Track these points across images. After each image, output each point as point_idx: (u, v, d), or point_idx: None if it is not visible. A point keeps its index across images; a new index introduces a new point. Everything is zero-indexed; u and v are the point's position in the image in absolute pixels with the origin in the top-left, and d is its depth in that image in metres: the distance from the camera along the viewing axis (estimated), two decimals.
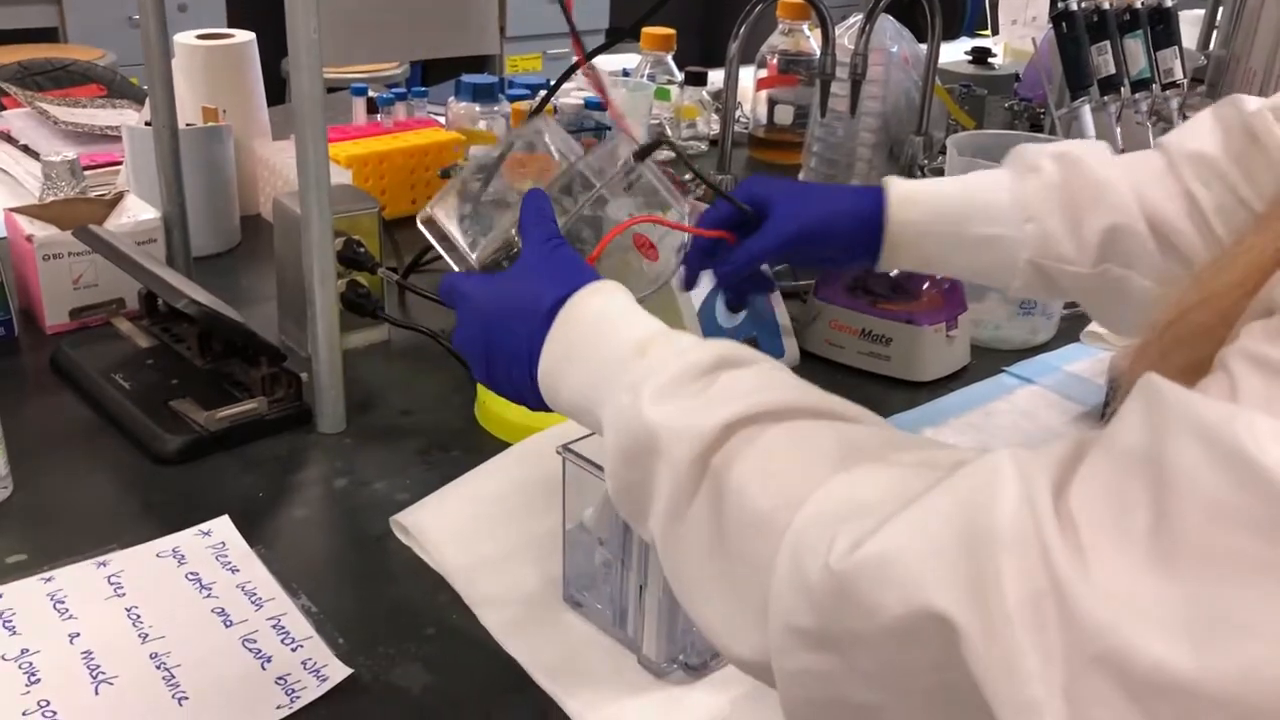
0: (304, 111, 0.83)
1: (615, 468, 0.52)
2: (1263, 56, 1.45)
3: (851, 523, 0.40)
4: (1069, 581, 0.33)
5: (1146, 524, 0.33)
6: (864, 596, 0.38)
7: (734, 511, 0.46)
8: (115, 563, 0.76)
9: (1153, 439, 0.34)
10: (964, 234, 0.77)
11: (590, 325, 0.58)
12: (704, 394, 0.50)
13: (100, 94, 2.08)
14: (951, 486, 0.38)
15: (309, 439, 0.92)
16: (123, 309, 1.08)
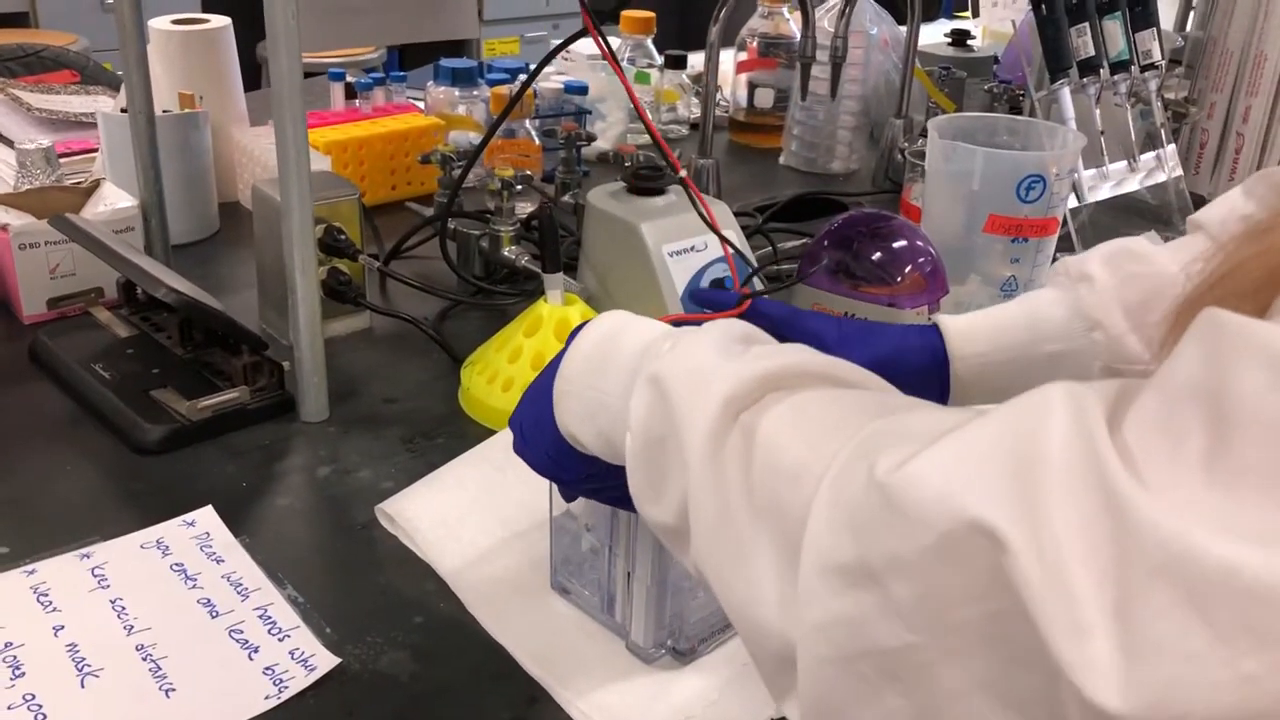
0: (283, 98, 0.82)
1: (637, 424, 0.51)
2: (1239, 38, 1.46)
3: (897, 446, 0.39)
4: (1128, 498, 0.32)
5: (1204, 449, 0.32)
6: (909, 510, 0.37)
7: (765, 463, 0.45)
8: (99, 554, 0.75)
9: (1212, 368, 0.33)
10: (1031, 356, 0.75)
11: (604, 336, 0.58)
12: (739, 356, 0.50)
13: (73, 80, 2.05)
14: (1002, 412, 0.38)
15: (292, 428, 0.92)
16: (101, 298, 1.07)
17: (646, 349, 0.55)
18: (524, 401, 0.65)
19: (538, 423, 0.62)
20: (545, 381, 0.61)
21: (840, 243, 1.10)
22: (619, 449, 0.54)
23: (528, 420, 0.64)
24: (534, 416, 0.63)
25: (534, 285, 1.12)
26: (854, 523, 0.39)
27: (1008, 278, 1.13)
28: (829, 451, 0.42)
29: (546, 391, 0.61)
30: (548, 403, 0.60)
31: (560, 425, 0.59)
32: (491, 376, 0.94)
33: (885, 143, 1.55)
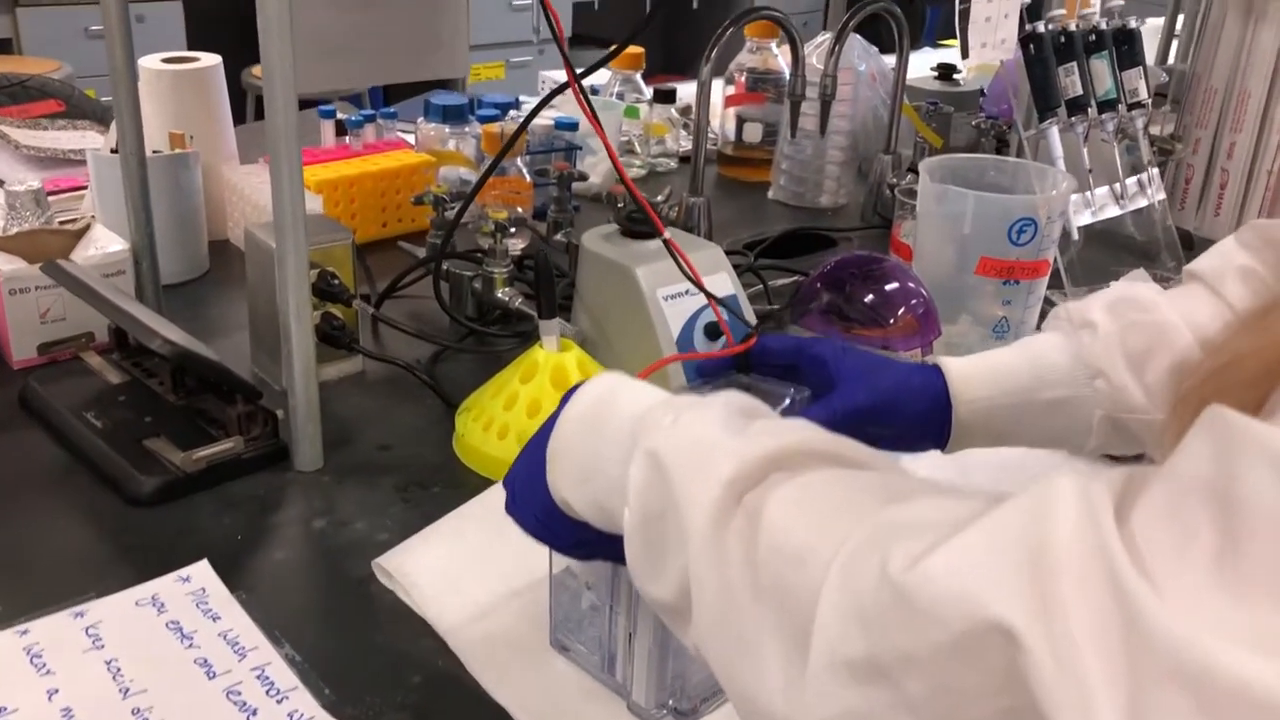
0: (279, 147, 0.82)
1: (636, 499, 0.51)
2: (1223, 75, 1.47)
3: (907, 540, 0.39)
4: (1139, 599, 0.33)
5: (1214, 549, 0.33)
6: (924, 609, 0.37)
7: (770, 546, 0.44)
8: (93, 613, 0.75)
9: (1220, 467, 0.34)
10: (1033, 402, 0.75)
11: (598, 399, 0.58)
12: (741, 432, 0.49)
13: (58, 109, 2.04)
14: (1013, 506, 0.38)
15: (286, 477, 0.91)
16: (92, 343, 1.06)
17: (643, 418, 0.54)
18: (518, 462, 0.64)
19: (530, 484, 0.62)
20: (539, 443, 0.61)
21: (833, 284, 1.10)
22: (614, 518, 0.54)
23: (520, 481, 0.64)
24: (526, 478, 0.62)
25: (527, 326, 1.12)
26: (865, 617, 0.39)
27: (999, 319, 1.14)
28: (836, 536, 0.42)
29: (540, 453, 0.60)
30: (541, 465, 0.60)
31: (553, 490, 0.59)
32: (487, 424, 0.94)
33: (874, 178, 1.56)
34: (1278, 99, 1.43)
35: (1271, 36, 1.42)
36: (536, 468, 0.61)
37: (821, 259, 1.43)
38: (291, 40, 0.77)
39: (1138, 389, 0.73)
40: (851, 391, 0.74)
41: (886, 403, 0.74)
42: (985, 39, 1.25)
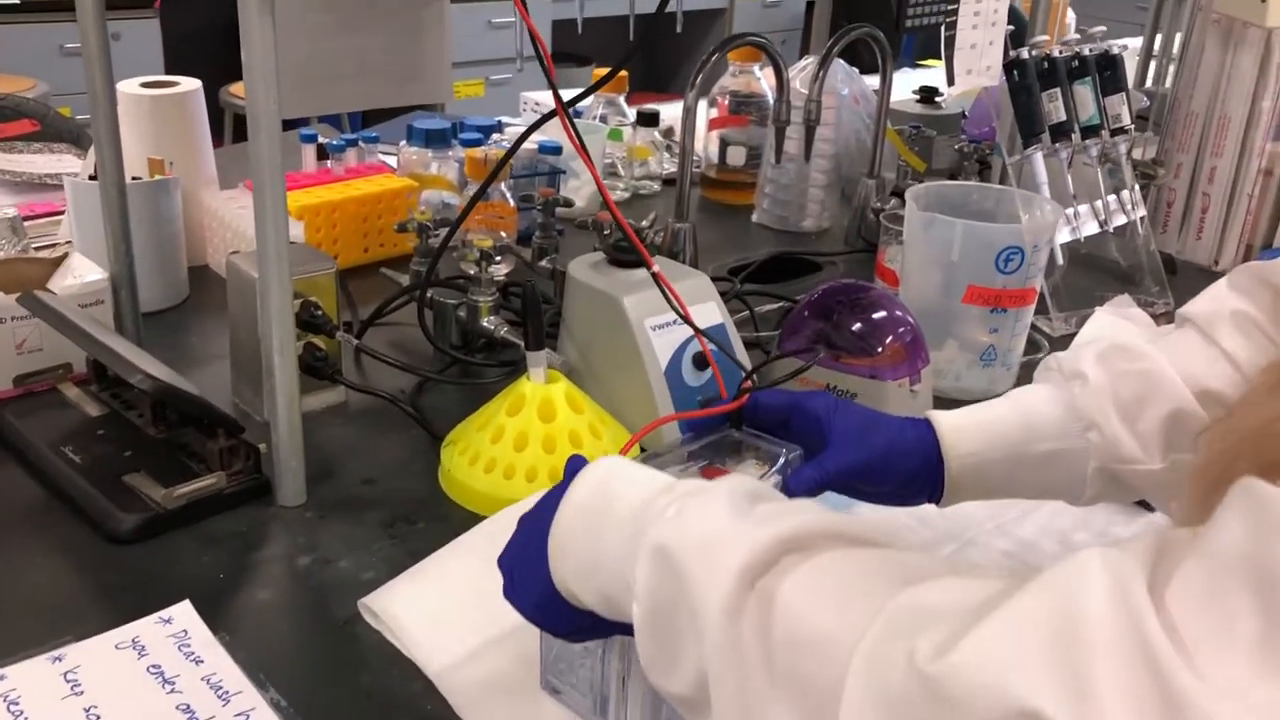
0: (263, 181, 0.81)
1: (645, 595, 0.50)
2: (1204, 100, 1.48)
3: (932, 629, 0.39)
4: (1179, 684, 0.32)
5: (1256, 632, 0.32)
6: (955, 700, 0.36)
7: (787, 633, 0.44)
8: (71, 656, 0.73)
9: (1257, 543, 0.33)
10: (1026, 455, 0.74)
11: (600, 484, 0.57)
12: (747, 516, 0.49)
13: (33, 129, 2.02)
14: (1040, 586, 0.38)
15: (269, 512, 0.90)
16: (70, 374, 1.04)
17: (646, 508, 0.54)
18: (514, 546, 0.63)
19: (528, 569, 0.61)
20: (537, 529, 0.60)
21: (821, 312, 1.09)
22: (620, 608, 0.54)
23: (518, 565, 0.62)
24: (524, 563, 0.61)
25: (513, 355, 1.11)
26: (894, 709, 0.38)
27: (987, 346, 1.14)
28: (855, 622, 0.42)
29: (538, 539, 0.59)
30: (539, 551, 0.59)
31: (556, 581, 0.59)
32: (473, 458, 0.92)
33: (858, 201, 1.56)
34: (1257, 124, 1.44)
35: (1250, 62, 1.43)
36: (536, 555, 0.60)
37: (807, 284, 1.43)
38: (277, 81, 0.76)
39: (1131, 440, 0.72)
40: (844, 450, 0.73)
41: (879, 461, 0.74)
42: (971, 66, 1.25)
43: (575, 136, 0.89)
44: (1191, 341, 0.74)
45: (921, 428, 0.75)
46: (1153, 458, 0.72)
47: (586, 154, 0.91)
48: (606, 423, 0.97)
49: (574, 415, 0.94)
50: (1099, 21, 1.47)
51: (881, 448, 0.74)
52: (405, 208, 1.38)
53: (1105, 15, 4.76)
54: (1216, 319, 0.73)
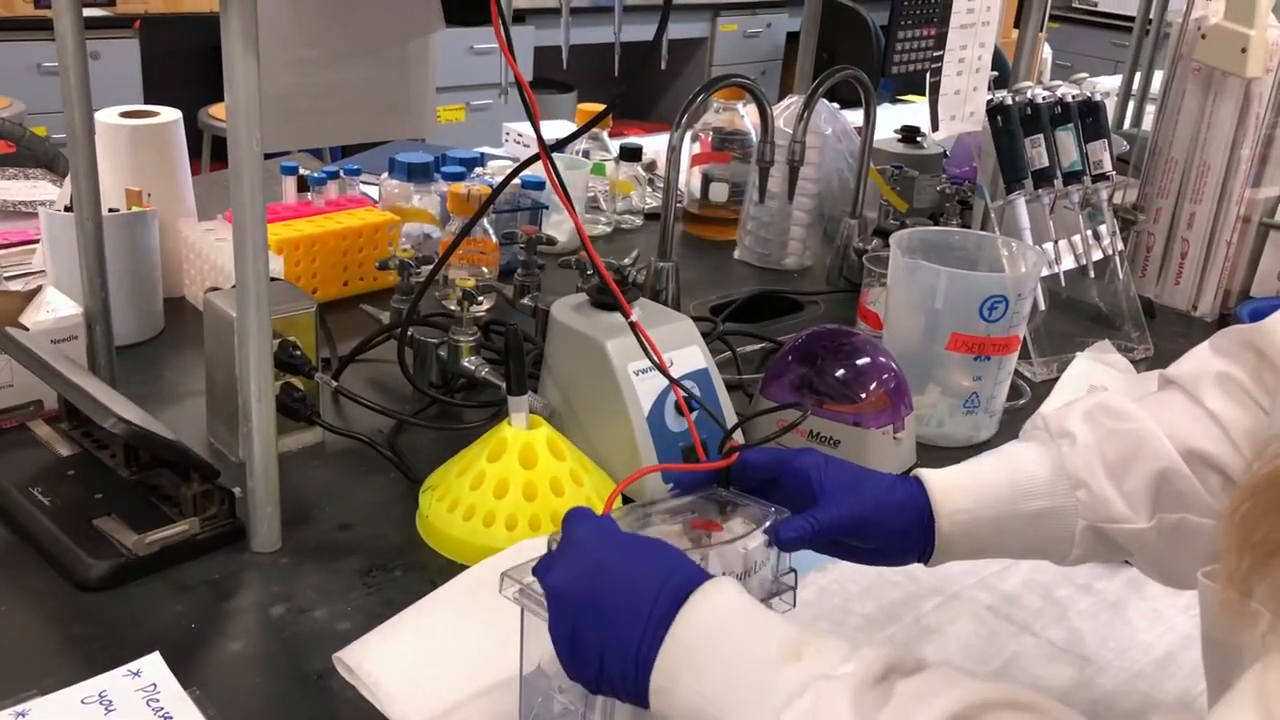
0: (245, 224, 0.80)
1: None
2: (1184, 147, 1.49)
3: None
4: None
5: None
6: None
7: None
8: (35, 712, 0.71)
9: None
10: (1015, 513, 0.74)
11: (723, 619, 0.56)
12: (886, 706, 0.48)
13: (8, 151, 2.00)
14: None
15: (243, 559, 0.88)
16: (41, 411, 1.02)
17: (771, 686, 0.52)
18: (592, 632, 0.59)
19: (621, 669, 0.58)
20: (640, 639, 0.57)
21: (804, 358, 1.09)
22: None
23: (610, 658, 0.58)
24: (619, 662, 0.58)
25: (493, 396, 1.10)
26: None
27: (970, 393, 1.14)
28: None
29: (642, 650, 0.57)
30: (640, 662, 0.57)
31: (655, 709, 0.57)
32: (452, 504, 0.91)
33: (840, 241, 1.56)
34: (1236, 171, 1.45)
35: (1230, 111, 1.44)
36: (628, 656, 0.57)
37: (789, 324, 1.43)
38: (260, 123, 0.75)
39: (1119, 499, 0.72)
40: (835, 506, 0.73)
41: (870, 516, 0.73)
42: (955, 111, 1.26)
43: (559, 185, 0.89)
44: (1176, 402, 0.74)
45: (912, 486, 0.75)
46: (1140, 516, 0.72)
47: (569, 200, 0.90)
48: (588, 469, 0.96)
49: (556, 462, 0.92)
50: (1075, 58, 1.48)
51: (872, 504, 0.73)
52: (386, 242, 1.36)
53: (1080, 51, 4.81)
54: (1201, 381, 0.73)
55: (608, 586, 0.59)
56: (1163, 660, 0.87)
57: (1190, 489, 0.71)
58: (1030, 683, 0.84)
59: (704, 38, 4.66)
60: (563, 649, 0.60)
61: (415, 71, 1.26)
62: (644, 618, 0.57)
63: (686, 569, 0.59)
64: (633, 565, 0.59)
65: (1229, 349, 0.73)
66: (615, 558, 0.60)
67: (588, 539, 0.62)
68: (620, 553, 0.61)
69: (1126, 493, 0.72)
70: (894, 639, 0.87)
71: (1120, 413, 0.74)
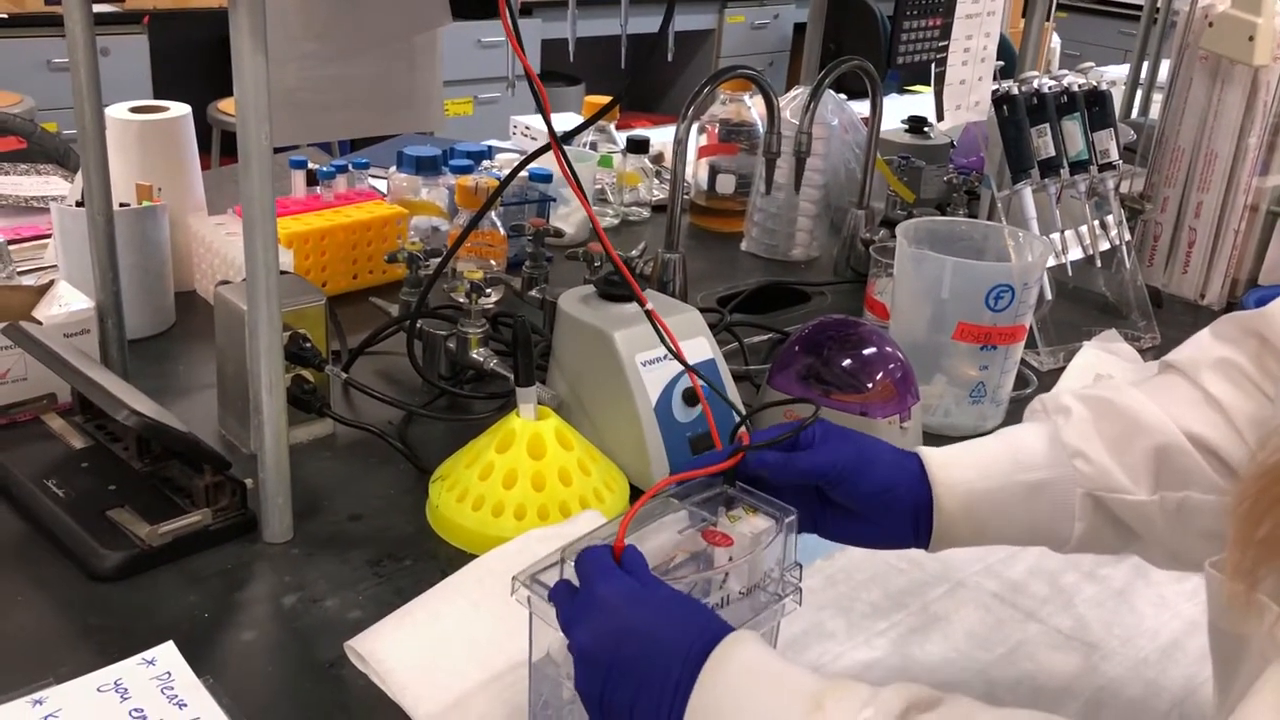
0: (254, 218, 0.81)
1: None
2: (1191, 136, 1.49)
3: None
4: None
5: None
6: None
7: None
8: (52, 700, 0.72)
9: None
10: (1014, 484, 0.74)
11: (744, 677, 0.57)
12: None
13: (19, 146, 2.01)
14: None
15: (254, 550, 0.89)
16: (54, 404, 1.03)
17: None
18: (610, 686, 0.60)
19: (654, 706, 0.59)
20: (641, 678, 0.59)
21: (811, 348, 1.10)
22: None
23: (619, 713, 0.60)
24: (652, 697, 0.59)
25: (502, 388, 1.11)
26: None
27: (976, 383, 1.14)
28: None
29: (644, 688, 0.58)
30: (644, 704, 0.58)
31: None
32: (462, 494, 0.92)
33: (847, 232, 1.56)
34: (1244, 160, 1.45)
35: (1237, 99, 1.44)
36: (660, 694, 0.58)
37: (795, 315, 1.43)
38: (269, 118, 0.76)
39: (1118, 469, 0.72)
40: (815, 453, 0.73)
41: (849, 467, 0.73)
42: (960, 101, 1.26)
43: (571, 175, 0.89)
44: (1175, 385, 0.74)
45: (908, 455, 0.75)
46: (1140, 488, 0.71)
47: (581, 190, 0.90)
48: (596, 459, 0.97)
49: (564, 452, 0.93)
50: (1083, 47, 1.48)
51: (853, 452, 0.73)
52: (395, 235, 1.37)
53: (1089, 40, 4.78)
54: (1200, 365, 0.73)
55: (636, 653, 0.59)
56: (1168, 647, 0.87)
57: (1193, 465, 0.71)
58: (1036, 670, 0.84)
59: (711, 29, 4.66)
60: (592, 707, 0.61)
61: (422, 65, 1.27)
62: (672, 682, 0.58)
63: (710, 627, 0.60)
64: (659, 626, 0.60)
65: (1231, 335, 0.74)
66: (641, 621, 0.60)
67: (613, 599, 0.61)
68: (646, 616, 0.61)
69: (1126, 464, 0.72)
70: (900, 626, 0.88)
71: (1119, 393, 0.74)
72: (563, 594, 0.64)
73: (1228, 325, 0.75)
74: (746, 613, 0.70)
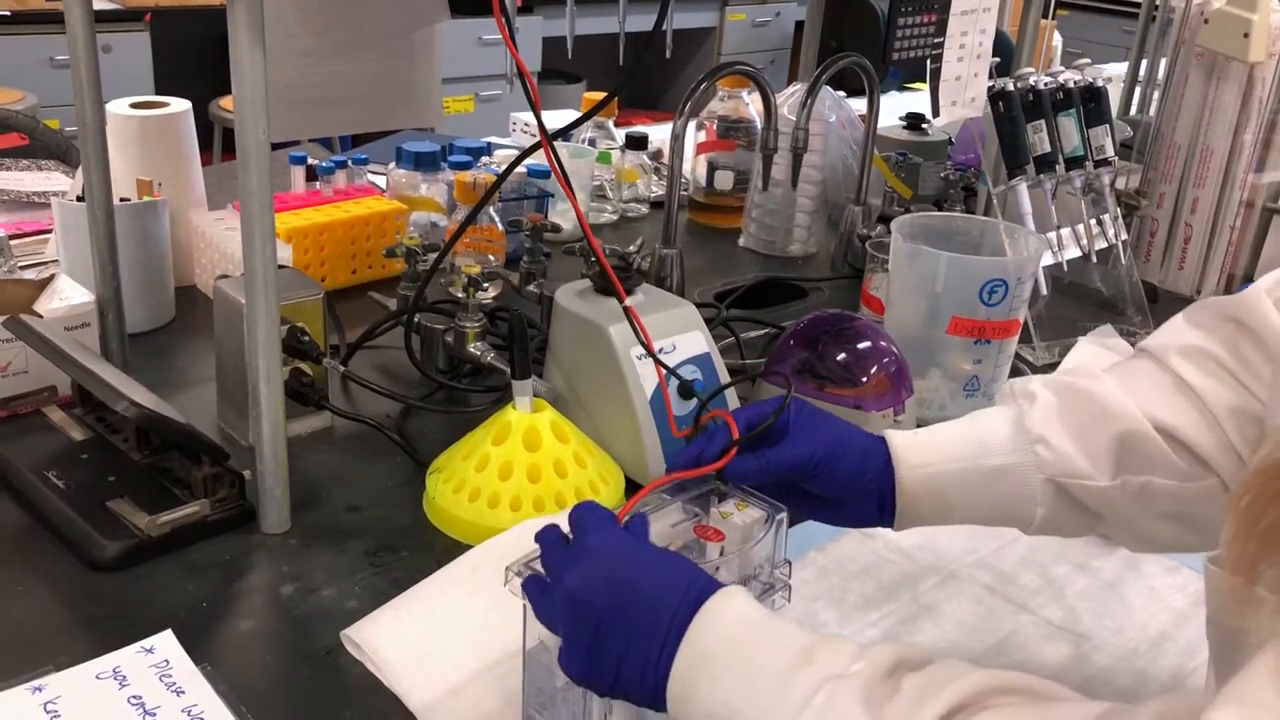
0: (252, 213, 0.81)
1: None
2: (1187, 132, 1.49)
3: None
4: None
5: None
6: None
7: None
8: (52, 687, 0.73)
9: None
10: (977, 468, 0.75)
11: (736, 627, 0.58)
12: (894, 698, 0.50)
13: (21, 143, 2.02)
14: None
15: (252, 540, 0.90)
16: (55, 397, 1.04)
17: (788, 691, 0.54)
18: (611, 640, 0.60)
19: (640, 672, 0.59)
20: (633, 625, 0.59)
21: (806, 342, 1.10)
22: None
23: (627, 666, 0.60)
24: (637, 666, 0.59)
25: (499, 381, 1.12)
26: None
27: (970, 376, 1.15)
28: None
29: (656, 654, 0.59)
30: (656, 666, 0.59)
31: (673, 715, 0.59)
32: (458, 486, 0.93)
33: (844, 228, 1.56)
34: (1239, 156, 1.46)
35: (1233, 96, 1.44)
36: (647, 665, 0.59)
37: (792, 310, 1.44)
38: (267, 113, 0.77)
39: (1079, 455, 0.73)
40: (789, 446, 0.74)
41: (823, 458, 0.74)
42: (956, 97, 1.26)
43: (560, 172, 0.90)
44: (1146, 370, 0.75)
45: (876, 441, 0.76)
46: (1101, 474, 0.73)
47: (569, 186, 0.91)
48: (592, 451, 0.97)
49: (559, 444, 0.94)
50: (1085, 45, 1.49)
51: (828, 446, 0.74)
52: (393, 230, 1.38)
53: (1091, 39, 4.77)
54: (1170, 349, 0.74)
55: (628, 599, 0.60)
56: (1158, 638, 0.88)
57: (1155, 451, 0.72)
58: (1027, 660, 0.85)
59: (712, 27, 4.66)
60: (578, 654, 0.61)
61: (421, 62, 1.27)
62: (663, 629, 0.59)
63: (701, 580, 0.61)
64: (650, 577, 0.60)
65: (1204, 320, 0.75)
66: (634, 569, 0.61)
67: (606, 547, 0.62)
68: (638, 564, 0.61)
69: (1087, 451, 0.73)
70: (892, 617, 0.88)
71: (1086, 380, 0.75)
72: (551, 540, 0.65)
73: (1202, 311, 0.75)
74: None
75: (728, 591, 0.60)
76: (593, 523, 0.64)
